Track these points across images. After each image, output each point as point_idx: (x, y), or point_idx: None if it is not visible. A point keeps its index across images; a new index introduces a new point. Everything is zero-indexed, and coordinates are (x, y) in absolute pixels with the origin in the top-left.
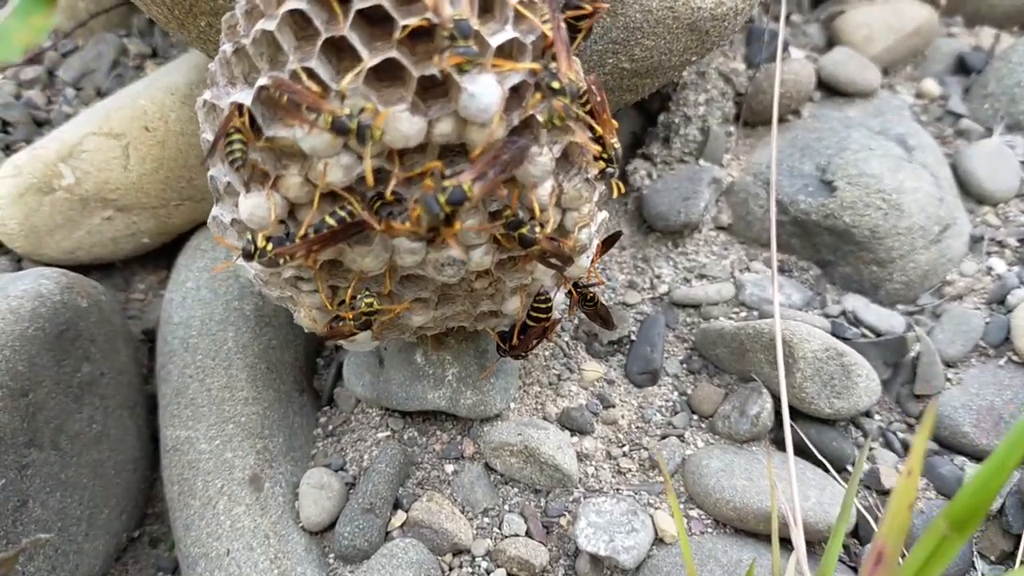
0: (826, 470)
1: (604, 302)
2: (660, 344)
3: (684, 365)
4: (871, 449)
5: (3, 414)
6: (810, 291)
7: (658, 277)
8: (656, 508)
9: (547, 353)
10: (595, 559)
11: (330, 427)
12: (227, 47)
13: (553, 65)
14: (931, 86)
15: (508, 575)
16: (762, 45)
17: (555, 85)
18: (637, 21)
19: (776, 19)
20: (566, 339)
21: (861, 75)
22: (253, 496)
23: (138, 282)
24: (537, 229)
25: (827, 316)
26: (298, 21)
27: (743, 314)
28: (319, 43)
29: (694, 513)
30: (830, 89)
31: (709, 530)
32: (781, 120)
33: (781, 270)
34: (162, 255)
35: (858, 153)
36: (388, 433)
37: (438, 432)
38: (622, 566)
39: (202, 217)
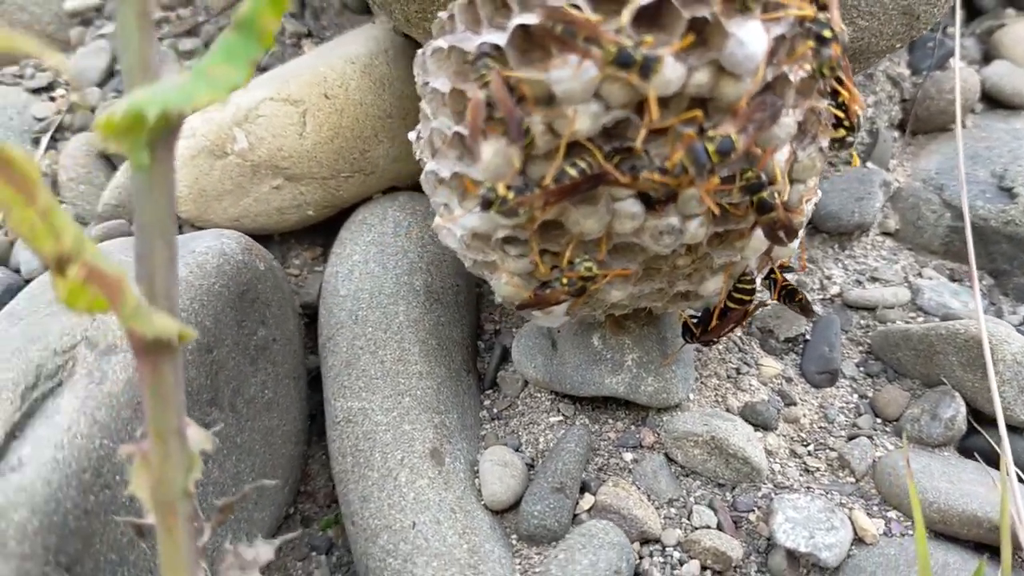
0: (1022, 480)
1: (801, 290)
2: (837, 344)
3: (861, 368)
4: None
5: (192, 368)
6: (984, 300)
7: (828, 278)
8: (850, 508)
9: (722, 347)
10: (792, 556)
11: (495, 410)
12: None
13: (823, 15)
14: None
15: (702, 567)
16: (928, 52)
17: (827, 34)
18: (855, 0)
19: (937, 29)
20: (740, 334)
21: None
22: (436, 470)
23: (294, 257)
24: (775, 196)
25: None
26: None
27: (921, 319)
28: None
29: (891, 515)
30: (992, 101)
31: (909, 532)
32: (945, 129)
33: (952, 279)
34: (318, 232)
35: None
36: (560, 418)
37: (611, 420)
38: (823, 563)
39: (370, 191)
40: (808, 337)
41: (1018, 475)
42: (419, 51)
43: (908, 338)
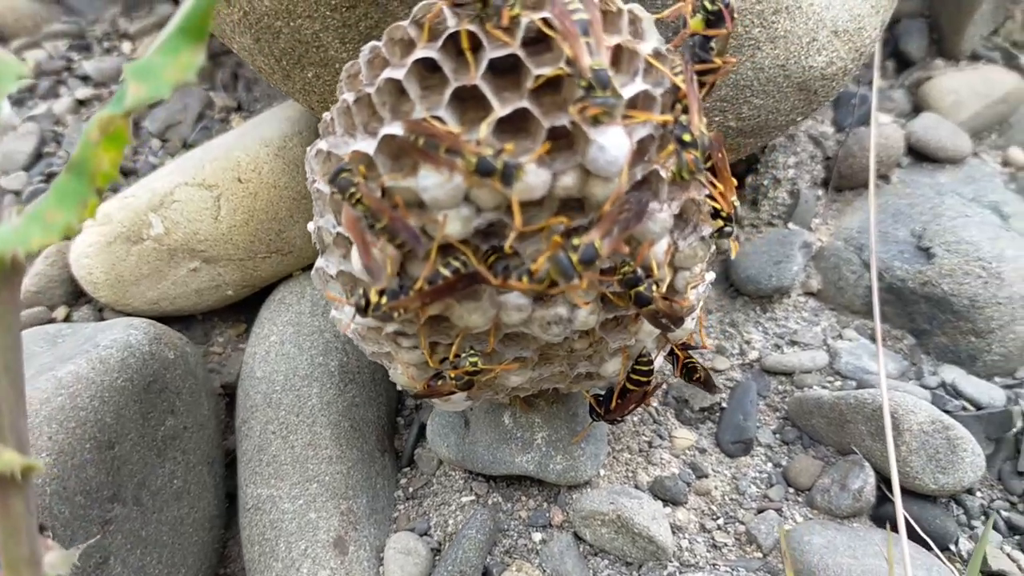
0: (928, 548)
1: (704, 365)
2: (753, 413)
3: (777, 435)
4: (973, 528)
5: (90, 467)
6: (905, 361)
7: (748, 343)
8: None
9: (636, 419)
10: None
11: (411, 489)
12: (348, 96)
13: (684, 117)
14: (1018, 154)
15: None
16: (851, 109)
17: (686, 137)
18: (747, 79)
19: (863, 83)
20: (655, 405)
21: (951, 141)
22: (338, 560)
23: (217, 335)
24: (653, 288)
25: (925, 387)
26: (421, 70)
27: (838, 383)
28: (448, 92)
29: None
30: (919, 155)
31: None
32: (867, 185)
33: (872, 338)
34: (242, 308)
35: (954, 220)
36: (472, 497)
37: (524, 498)
38: None
39: (288, 270)
40: (724, 405)
41: (934, 542)
42: (308, 148)
43: (820, 406)
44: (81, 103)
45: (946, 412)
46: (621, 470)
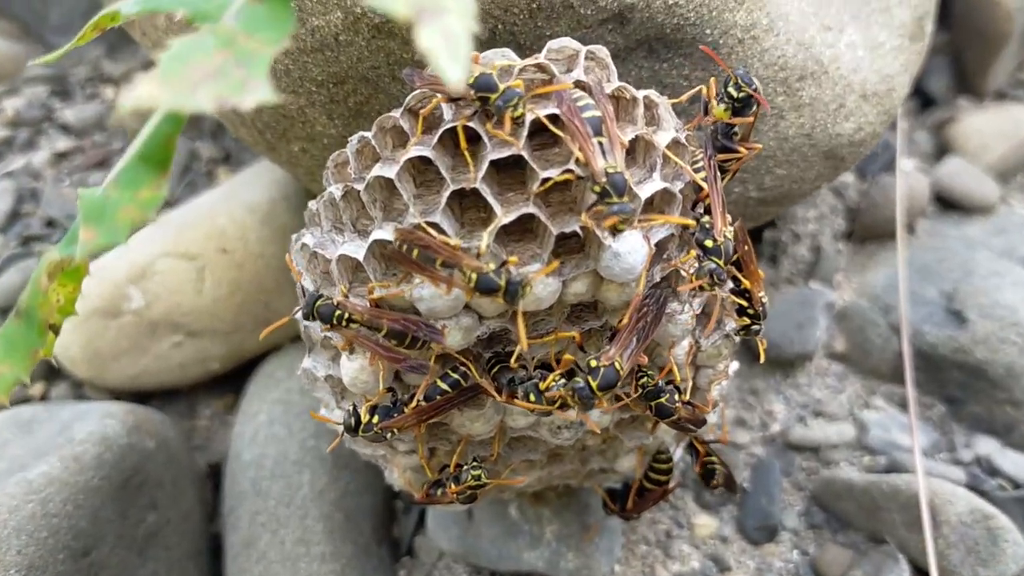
0: None
1: (725, 461)
2: (777, 495)
3: (804, 518)
4: None
5: None
6: (936, 432)
7: (769, 414)
8: None
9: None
10: None
11: None
12: (335, 189)
13: (706, 219)
14: None
15: None
16: (874, 156)
17: (708, 244)
18: (770, 149)
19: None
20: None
21: (979, 188)
22: None
23: (203, 408)
24: (676, 397)
25: (959, 463)
26: (416, 165)
27: (867, 459)
28: (445, 194)
29: None
30: (944, 202)
31: None
32: (893, 237)
33: (902, 406)
34: (229, 380)
35: (987, 280)
36: None
37: None
38: None
39: (277, 342)
40: (747, 486)
41: None
42: (292, 236)
43: (851, 489)
44: (61, 156)
45: (983, 493)
46: (638, 565)
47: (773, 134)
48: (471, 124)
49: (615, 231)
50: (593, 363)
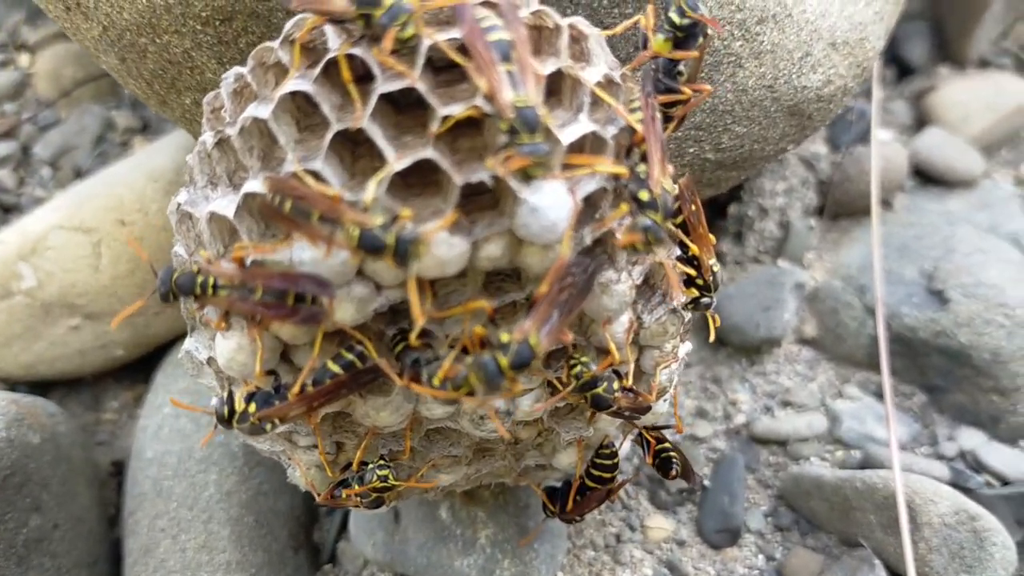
0: None
1: (681, 451)
2: (741, 493)
3: (770, 519)
4: None
5: None
6: (916, 423)
7: (733, 404)
8: None
9: (602, 505)
10: None
11: None
12: (208, 136)
13: (642, 168)
14: None
15: None
16: (847, 125)
17: (643, 196)
18: (728, 103)
19: (860, 96)
20: (626, 486)
21: (961, 161)
22: None
23: (110, 399)
24: (615, 385)
25: (942, 458)
26: (300, 106)
27: (839, 453)
28: (327, 137)
29: None
30: (924, 176)
31: None
32: (868, 213)
33: (877, 394)
34: (139, 367)
35: (970, 257)
36: None
37: None
38: None
39: (185, 327)
40: (707, 483)
41: None
42: (172, 200)
43: (821, 487)
44: None
45: (967, 491)
46: (584, 572)
47: (731, 85)
48: (356, 51)
49: (527, 177)
50: (504, 337)
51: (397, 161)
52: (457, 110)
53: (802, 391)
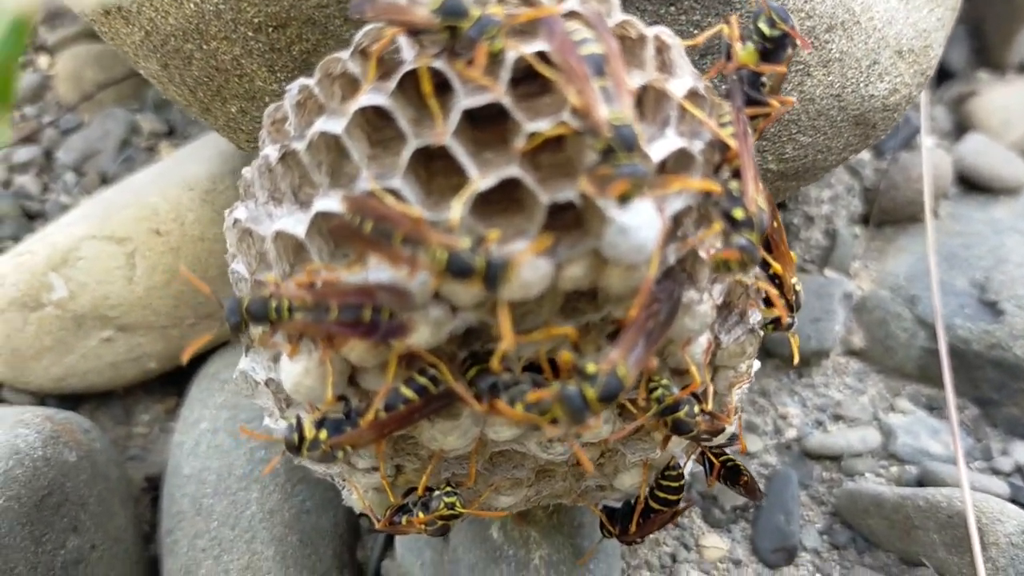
0: None
1: (745, 467)
2: (795, 511)
3: (825, 537)
4: None
5: None
6: (969, 437)
7: (783, 418)
8: None
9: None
10: None
11: None
12: (271, 151)
13: (734, 185)
14: None
15: None
16: (895, 131)
17: (738, 215)
18: (794, 112)
19: None
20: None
21: (1006, 168)
22: None
23: (141, 412)
24: (695, 408)
25: (997, 472)
26: (370, 119)
27: (894, 469)
28: (406, 154)
29: None
30: (967, 183)
31: None
32: (914, 220)
33: (930, 407)
34: (170, 379)
35: (1022, 267)
36: None
37: None
38: None
39: (221, 338)
40: (760, 502)
41: None
42: (227, 211)
43: (880, 505)
44: None
45: None
46: None
47: (798, 94)
48: (437, 65)
49: (624, 199)
50: (591, 368)
51: (481, 180)
52: (544, 126)
53: (853, 405)
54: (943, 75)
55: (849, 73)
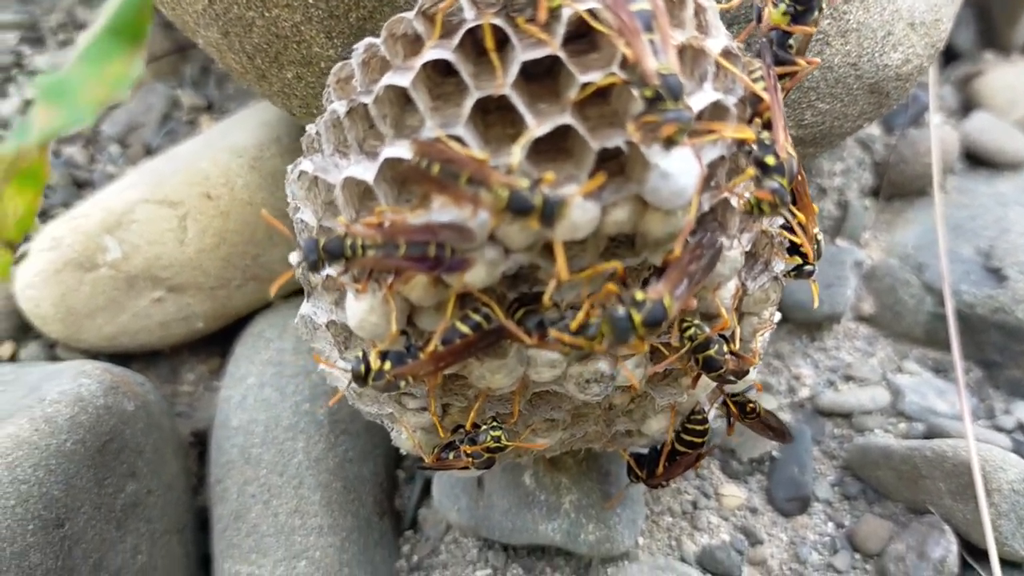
0: None
1: (768, 410)
2: (809, 463)
3: (837, 488)
4: None
5: (34, 553)
6: (973, 397)
7: (796, 378)
8: None
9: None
10: None
11: (416, 558)
12: (338, 106)
13: (766, 134)
14: None
15: None
16: (902, 108)
17: (770, 161)
18: (813, 79)
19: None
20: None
21: (1010, 144)
22: None
23: (187, 372)
24: (725, 348)
25: (1001, 430)
26: (431, 75)
27: (902, 425)
28: (468, 104)
29: None
30: (973, 159)
31: None
32: (922, 194)
33: (936, 370)
34: (215, 340)
35: None
36: (489, 571)
37: (548, 570)
38: None
39: (267, 299)
40: (776, 455)
41: None
42: (288, 167)
43: (889, 457)
44: (30, 103)
45: None
46: (663, 538)
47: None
48: (496, 22)
49: (670, 143)
50: (639, 295)
51: (537, 127)
52: (596, 77)
53: (863, 366)
54: (950, 55)
55: (865, 43)
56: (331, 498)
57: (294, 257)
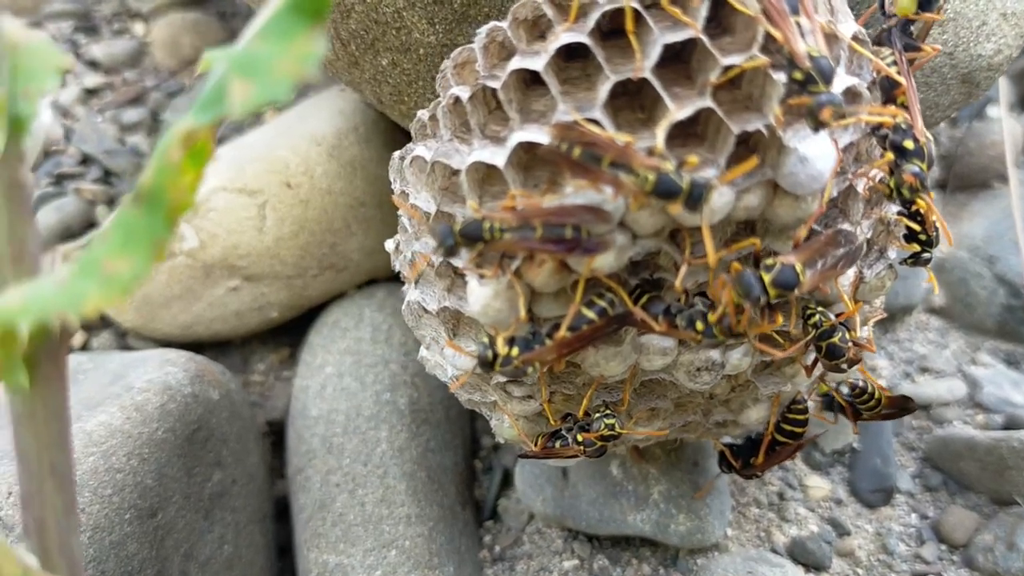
0: None
1: (884, 389)
2: (891, 455)
3: (918, 480)
4: None
5: (131, 543)
6: None
7: (873, 370)
8: None
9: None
10: None
11: (498, 549)
12: (460, 91)
13: (902, 119)
14: None
15: None
16: None
17: (909, 145)
18: None
19: None
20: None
21: None
22: None
23: (257, 361)
24: (847, 335)
25: None
26: (557, 61)
27: (980, 417)
28: (604, 88)
29: None
30: None
31: None
32: (986, 187)
33: (1008, 362)
34: (284, 331)
35: None
36: (576, 562)
37: (635, 561)
38: None
39: (341, 288)
40: (856, 446)
41: None
42: (395, 155)
43: (973, 448)
44: (90, 92)
45: None
46: (751, 529)
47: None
48: (634, 5)
49: (820, 126)
50: (769, 260)
51: (679, 110)
52: (737, 60)
53: (938, 358)
54: None
55: (961, 32)
56: (416, 487)
57: (390, 244)
